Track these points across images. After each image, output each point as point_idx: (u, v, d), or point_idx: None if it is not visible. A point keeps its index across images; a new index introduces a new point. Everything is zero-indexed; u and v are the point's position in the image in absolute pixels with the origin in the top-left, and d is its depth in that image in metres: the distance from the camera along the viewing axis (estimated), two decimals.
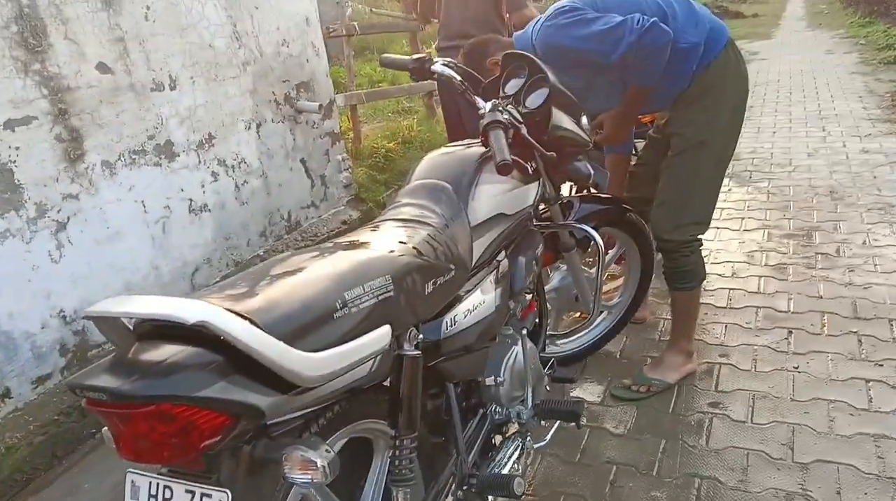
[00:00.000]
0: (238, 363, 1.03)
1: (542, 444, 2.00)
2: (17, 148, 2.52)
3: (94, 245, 2.82)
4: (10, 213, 2.51)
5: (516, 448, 1.89)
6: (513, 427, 1.95)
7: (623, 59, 2.19)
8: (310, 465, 1.08)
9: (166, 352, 1.01)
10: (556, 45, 2.28)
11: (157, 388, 0.97)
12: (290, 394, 1.09)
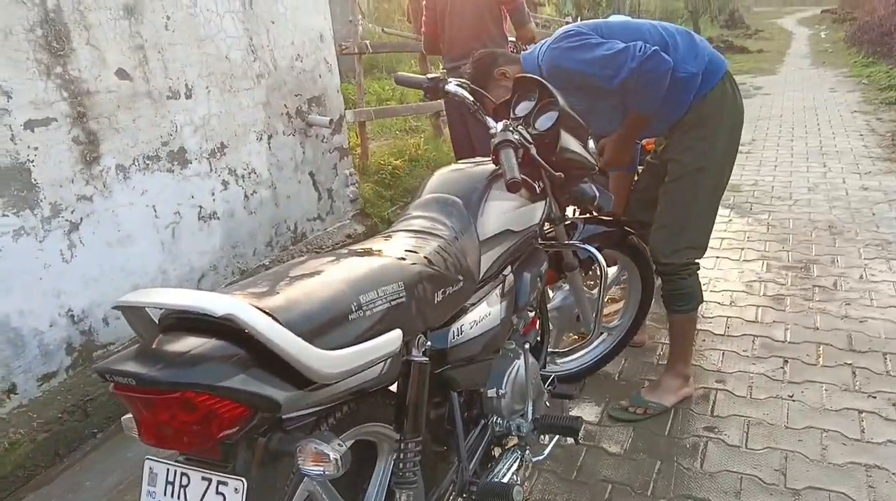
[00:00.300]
0: (258, 357, 1.07)
1: (539, 458, 2.04)
2: (35, 148, 2.57)
3: (105, 246, 2.86)
4: (25, 211, 2.55)
5: (515, 460, 1.92)
6: (512, 441, 1.99)
7: (624, 83, 2.25)
8: (323, 458, 1.12)
9: (190, 344, 1.06)
10: (561, 68, 2.35)
11: (181, 376, 1.01)
12: (306, 390, 1.13)
